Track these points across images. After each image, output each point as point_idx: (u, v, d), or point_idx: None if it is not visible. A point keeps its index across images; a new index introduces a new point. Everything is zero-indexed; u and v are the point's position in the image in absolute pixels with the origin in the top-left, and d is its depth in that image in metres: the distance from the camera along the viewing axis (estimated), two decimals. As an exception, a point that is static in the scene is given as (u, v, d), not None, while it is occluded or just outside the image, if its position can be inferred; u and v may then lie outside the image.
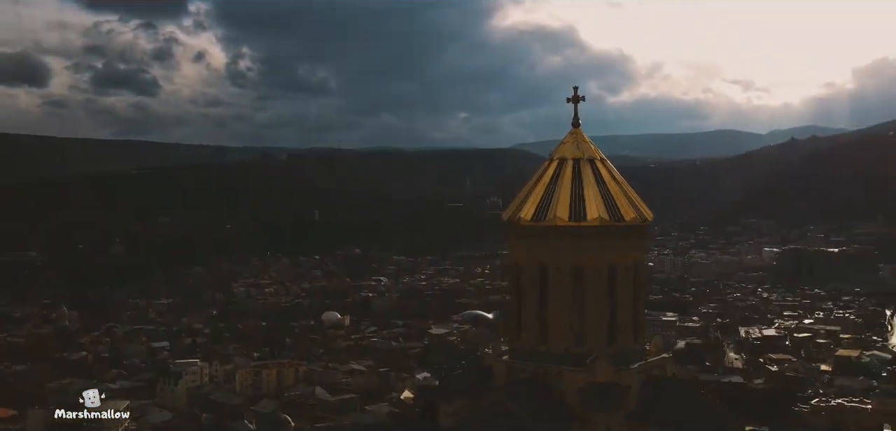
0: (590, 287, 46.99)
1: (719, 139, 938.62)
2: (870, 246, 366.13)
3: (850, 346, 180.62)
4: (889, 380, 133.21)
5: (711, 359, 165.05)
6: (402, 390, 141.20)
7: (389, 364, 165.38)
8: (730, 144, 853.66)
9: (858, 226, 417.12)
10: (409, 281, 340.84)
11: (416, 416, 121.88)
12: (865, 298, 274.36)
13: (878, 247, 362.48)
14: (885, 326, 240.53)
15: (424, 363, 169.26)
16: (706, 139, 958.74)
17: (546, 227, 46.94)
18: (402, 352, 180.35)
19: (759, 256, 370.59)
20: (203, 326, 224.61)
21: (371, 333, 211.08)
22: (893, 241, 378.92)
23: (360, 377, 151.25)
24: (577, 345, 46.90)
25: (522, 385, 46.35)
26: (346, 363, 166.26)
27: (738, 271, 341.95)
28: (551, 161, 50.02)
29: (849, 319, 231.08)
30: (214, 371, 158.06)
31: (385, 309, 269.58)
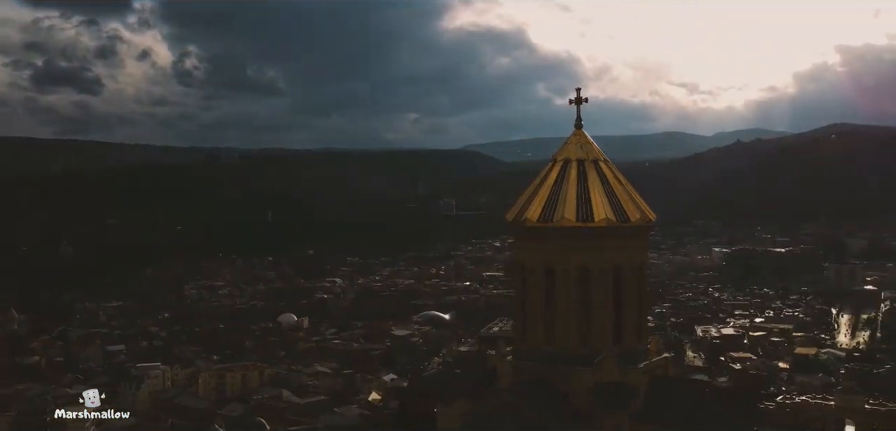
0: (596, 287, 47.42)
1: (666, 141, 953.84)
2: (814, 246, 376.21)
3: (804, 344, 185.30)
4: (848, 377, 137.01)
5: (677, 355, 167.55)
6: (370, 392, 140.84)
7: (353, 365, 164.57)
8: (677, 146, 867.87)
9: (803, 227, 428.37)
10: (364, 283, 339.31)
11: (389, 417, 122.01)
12: (812, 297, 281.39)
13: (823, 247, 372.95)
14: (833, 324, 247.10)
15: (389, 364, 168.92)
16: (654, 141, 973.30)
17: (553, 228, 47.23)
18: (365, 354, 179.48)
19: (709, 256, 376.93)
20: (159, 329, 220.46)
21: (331, 335, 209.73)
22: (836, 241, 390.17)
23: (326, 379, 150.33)
24: (583, 346, 47.26)
25: (530, 386, 46.48)
26: (310, 365, 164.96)
27: (689, 271, 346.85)
28: (555, 162, 50.26)
29: (798, 318, 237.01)
30: (176, 375, 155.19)
31: (341, 311, 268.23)
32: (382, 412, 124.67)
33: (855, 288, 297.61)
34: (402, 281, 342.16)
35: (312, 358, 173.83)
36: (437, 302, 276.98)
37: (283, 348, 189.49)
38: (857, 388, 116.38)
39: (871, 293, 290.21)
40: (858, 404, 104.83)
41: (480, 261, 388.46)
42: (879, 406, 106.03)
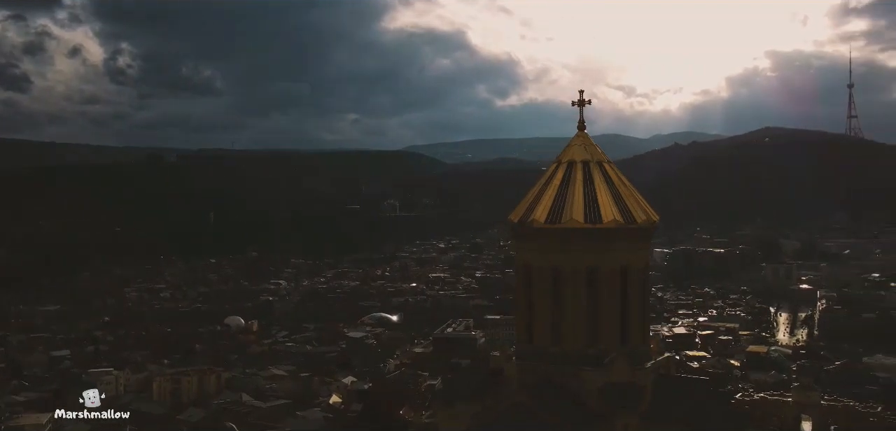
0: (604, 288, 47.74)
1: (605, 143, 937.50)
2: (751, 246, 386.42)
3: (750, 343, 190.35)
4: (800, 374, 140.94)
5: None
6: (330, 395, 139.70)
7: (309, 368, 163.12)
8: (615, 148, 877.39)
9: (739, 228, 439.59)
10: (309, 285, 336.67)
11: (354, 420, 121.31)
12: (751, 296, 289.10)
13: (760, 247, 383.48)
14: (772, 323, 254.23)
15: (345, 366, 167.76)
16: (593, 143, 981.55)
17: (561, 229, 47.37)
18: (320, 356, 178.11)
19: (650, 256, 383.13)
20: (103, 333, 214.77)
21: (283, 338, 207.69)
22: (772, 242, 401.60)
23: (284, 382, 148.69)
24: (591, 346, 47.52)
25: (539, 387, 46.51)
26: (264, 368, 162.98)
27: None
28: (559, 163, 50.52)
29: (740, 316, 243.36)
30: (127, 380, 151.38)
31: (287, 313, 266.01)
32: (345, 415, 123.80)
33: (791, 287, 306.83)
34: (347, 282, 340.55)
35: (266, 361, 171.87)
36: (385, 303, 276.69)
37: (235, 351, 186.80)
38: (814, 385, 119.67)
39: (806, 292, 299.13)
40: (814, 400, 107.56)
41: (425, 263, 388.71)
42: (835, 402, 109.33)
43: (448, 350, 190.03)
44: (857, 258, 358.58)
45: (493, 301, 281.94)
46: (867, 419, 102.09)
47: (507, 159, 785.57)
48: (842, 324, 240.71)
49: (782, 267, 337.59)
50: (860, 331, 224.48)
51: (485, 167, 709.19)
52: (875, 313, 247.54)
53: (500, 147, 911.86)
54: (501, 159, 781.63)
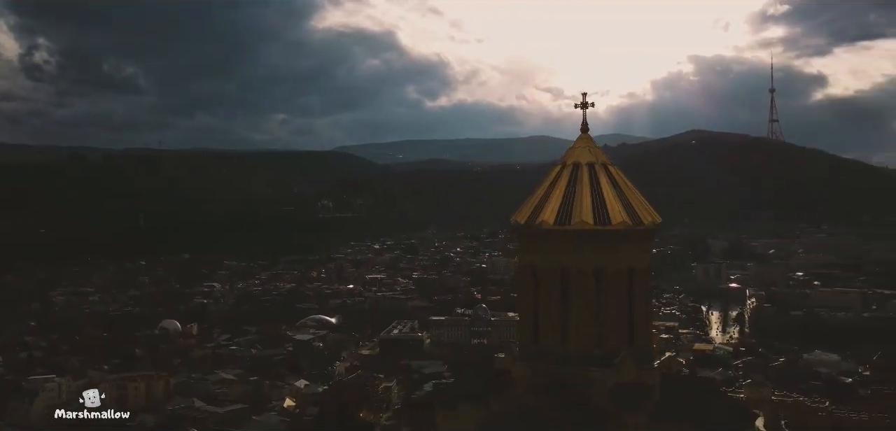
0: (611, 288, 48.14)
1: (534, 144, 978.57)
2: (682, 246, 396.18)
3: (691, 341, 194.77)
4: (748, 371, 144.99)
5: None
6: (283, 398, 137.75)
7: (256, 372, 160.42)
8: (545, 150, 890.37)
9: (669, 228, 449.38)
10: (244, 287, 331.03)
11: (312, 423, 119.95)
12: (684, 295, 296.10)
13: (690, 247, 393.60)
14: (704, 321, 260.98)
15: (293, 369, 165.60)
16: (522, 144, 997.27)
17: (571, 231, 47.61)
18: (267, 360, 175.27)
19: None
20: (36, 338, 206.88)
21: (225, 341, 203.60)
22: (701, 242, 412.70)
23: (234, 386, 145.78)
24: (599, 346, 47.87)
25: (550, 387, 46.59)
26: (210, 372, 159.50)
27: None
28: (564, 165, 50.79)
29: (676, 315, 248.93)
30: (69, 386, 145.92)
31: (224, 315, 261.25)
32: (302, 418, 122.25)
33: (721, 287, 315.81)
34: (283, 284, 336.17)
35: (211, 365, 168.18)
36: (322, 305, 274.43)
37: (177, 355, 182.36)
38: (764, 381, 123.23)
39: (736, 290, 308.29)
40: (766, 396, 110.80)
41: (361, 264, 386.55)
42: (785, 398, 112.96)
43: (395, 351, 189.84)
44: (781, 257, 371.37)
45: (431, 301, 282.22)
46: (816, 414, 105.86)
47: (438, 160, 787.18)
48: (771, 322, 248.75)
49: (712, 266, 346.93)
50: (789, 328, 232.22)
51: (416, 168, 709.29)
52: (802, 311, 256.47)
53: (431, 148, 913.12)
54: (433, 160, 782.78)
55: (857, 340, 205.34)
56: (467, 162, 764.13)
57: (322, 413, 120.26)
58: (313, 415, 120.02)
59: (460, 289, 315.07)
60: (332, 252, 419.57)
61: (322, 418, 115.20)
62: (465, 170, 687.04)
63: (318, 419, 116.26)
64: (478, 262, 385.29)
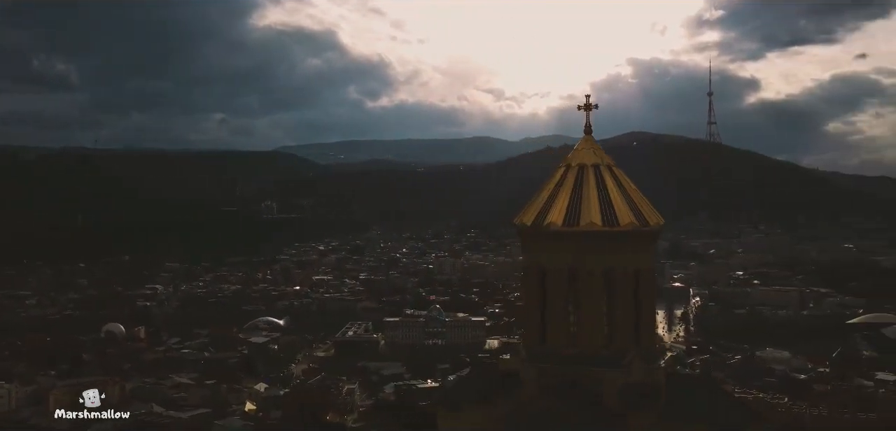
0: (619, 289, 48.44)
1: (476, 145, 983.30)
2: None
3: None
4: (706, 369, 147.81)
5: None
6: (243, 402, 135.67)
7: (212, 375, 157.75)
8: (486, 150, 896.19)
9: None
10: (187, 289, 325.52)
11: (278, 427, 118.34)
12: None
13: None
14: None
15: (250, 372, 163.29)
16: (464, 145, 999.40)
17: (580, 232, 47.77)
18: (221, 363, 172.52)
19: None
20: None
21: (176, 344, 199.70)
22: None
23: (193, 391, 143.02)
24: (607, 347, 48.14)
25: (561, 389, 46.71)
26: (165, 377, 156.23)
27: (513, 272, 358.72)
28: (568, 166, 51.05)
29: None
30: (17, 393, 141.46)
31: (169, 318, 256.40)
32: (265, 422, 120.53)
33: (664, 286, 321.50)
34: (228, 286, 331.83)
35: (165, 369, 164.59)
36: (269, 307, 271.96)
37: (127, 360, 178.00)
38: (724, 378, 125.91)
39: (679, 290, 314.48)
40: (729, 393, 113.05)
41: (307, 265, 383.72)
42: (746, 395, 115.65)
43: (351, 353, 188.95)
44: (721, 257, 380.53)
45: (380, 303, 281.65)
46: (777, 410, 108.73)
47: (380, 161, 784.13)
48: (716, 320, 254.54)
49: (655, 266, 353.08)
50: (734, 327, 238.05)
51: (359, 168, 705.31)
52: (745, 309, 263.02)
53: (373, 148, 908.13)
54: (375, 161, 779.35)
55: (799, 337, 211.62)
56: (410, 162, 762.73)
57: (286, 416, 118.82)
58: (277, 419, 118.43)
59: (409, 290, 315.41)
60: (277, 253, 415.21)
61: (286, 421, 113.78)
62: (409, 170, 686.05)
63: (282, 422, 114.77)
64: (424, 263, 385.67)
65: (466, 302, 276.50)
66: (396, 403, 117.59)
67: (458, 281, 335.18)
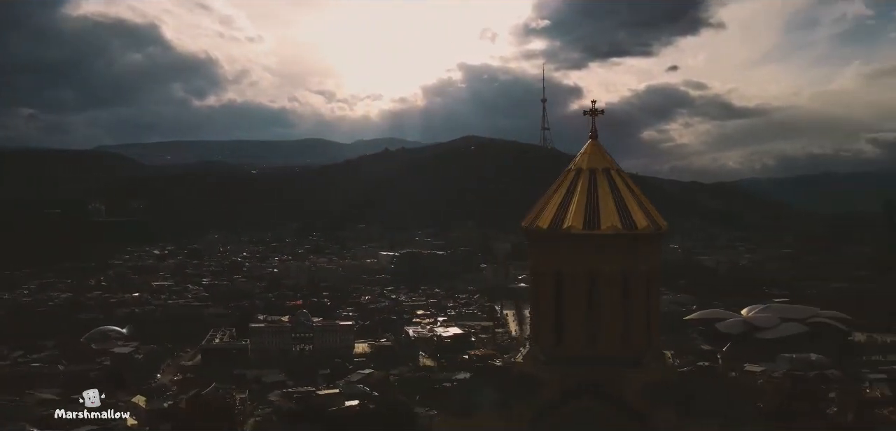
0: (635, 291, 49.94)
1: (308, 147, 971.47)
2: (469, 248, 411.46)
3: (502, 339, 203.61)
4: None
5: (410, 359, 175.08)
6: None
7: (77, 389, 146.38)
8: (319, 152, 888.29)
9: (454, 231, 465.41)
10: (10, 297, 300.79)
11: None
12: (479, 295, 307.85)
13: (477, 249, 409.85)
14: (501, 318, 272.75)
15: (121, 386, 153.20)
16: (295, 146, 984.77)
17: (600, 236, 48.87)
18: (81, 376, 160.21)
19: (376, 260, 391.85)
20: None
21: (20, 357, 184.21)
22: (486, 243, 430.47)
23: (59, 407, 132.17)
24: (624, 347, 49.51)
25: (579, 390, 47.71)
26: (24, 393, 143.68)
27: (361, 274, 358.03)
28: (578, 170, 51.84)
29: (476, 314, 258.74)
30: None
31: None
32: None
33: (511, 286, 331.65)
34: (57, 294, 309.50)
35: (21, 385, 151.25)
36: (108, 315, 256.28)
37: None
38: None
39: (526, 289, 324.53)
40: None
41: (144, 270, 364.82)
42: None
43: (221, 361, 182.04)
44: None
45: (228, 308, 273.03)
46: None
47: (209, 162, 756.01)
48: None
49: (500, 266, 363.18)
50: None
51: (189, 170, 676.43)
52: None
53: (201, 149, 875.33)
54: (204, 162, 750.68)
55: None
56: (242, 164, 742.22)
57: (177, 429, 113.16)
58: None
59: (257, 295, 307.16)
60: (109, 258, 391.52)
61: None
62: (242, 172, 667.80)
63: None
64: (269, 267, 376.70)
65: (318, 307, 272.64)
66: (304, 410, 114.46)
67: (307, 286, 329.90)
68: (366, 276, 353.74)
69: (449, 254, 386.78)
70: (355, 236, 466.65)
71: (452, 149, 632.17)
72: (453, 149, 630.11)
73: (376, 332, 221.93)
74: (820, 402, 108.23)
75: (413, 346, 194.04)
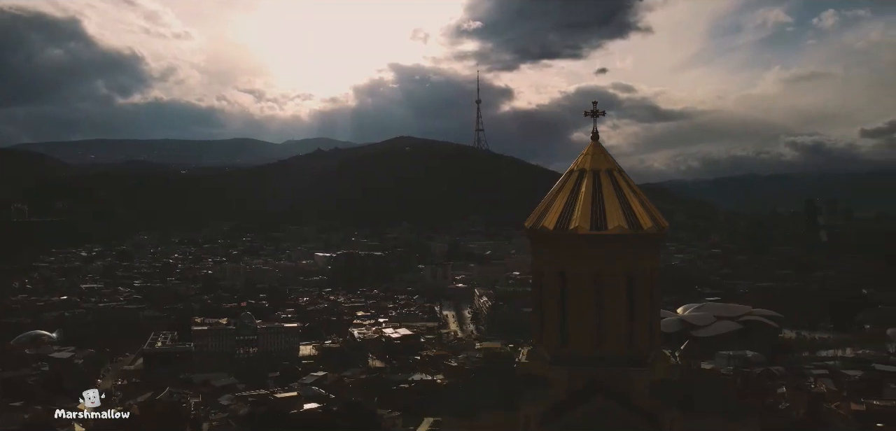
0: (639, 291, 50.56)
1: (237, 146, 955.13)
2: (405, 249, 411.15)
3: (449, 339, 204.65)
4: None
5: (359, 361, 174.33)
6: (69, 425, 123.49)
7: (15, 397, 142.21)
8: (249, 152, 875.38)
9: (389, 232, 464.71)
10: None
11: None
12: (418, 296, 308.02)
13: (414, 250, 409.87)
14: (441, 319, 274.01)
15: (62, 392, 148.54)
16: (225, 146, 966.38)
17: (608, 236, 49.21)
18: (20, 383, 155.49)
19: (313, 261, 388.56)
20: None
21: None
22: (422, 244, 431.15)
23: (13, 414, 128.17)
24: (629, 347, 50.11)
25: (588, 389, 48.05)
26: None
27: (299, 276, 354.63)
28: (582, 171, 52.03)
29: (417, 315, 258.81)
30: None
31: None
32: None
33: (449, 287, 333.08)
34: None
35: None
36: (36, 319, 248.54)
37: None
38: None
39: (463, 290, 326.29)
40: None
41: (71, 272, 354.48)
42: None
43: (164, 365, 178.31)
44: (498, 258, 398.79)
45: (162, 311, 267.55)
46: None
47: (135, 161, 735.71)
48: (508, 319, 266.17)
49: (438, 268, 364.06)
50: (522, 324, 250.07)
51: (115, 169, 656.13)
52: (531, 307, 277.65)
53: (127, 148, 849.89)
54: (130, 161, 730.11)
55: None
56: (170, 164, 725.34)
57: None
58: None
59: (192, 297, 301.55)
60: (33, 260, 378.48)
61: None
62: (171, 172, 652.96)
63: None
64: (203, 269, 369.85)
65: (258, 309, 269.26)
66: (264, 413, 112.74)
67: (244, 288, 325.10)
68: (303, 277, 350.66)
69: (386, 255, 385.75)
70: (290, 237, 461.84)
71: (387, 149, 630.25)
72: (388, 149, 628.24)
73: (320, 334, 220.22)
74: (768, 398, 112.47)
75: (361, 348, 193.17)
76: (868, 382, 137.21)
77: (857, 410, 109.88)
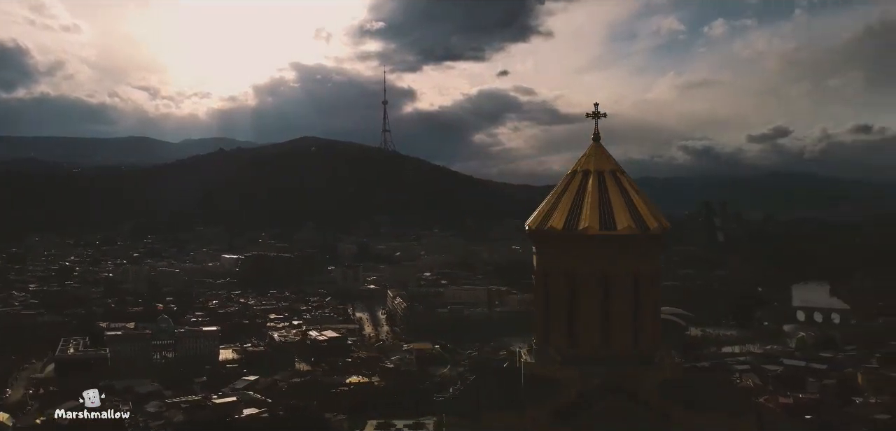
0: (644, 291, 51.41)
1: (132, 145, 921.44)
2: (314, 250, 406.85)
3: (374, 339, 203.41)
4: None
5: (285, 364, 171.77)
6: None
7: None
8: (144, 151, 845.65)
9: (295, 233, 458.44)
10: None
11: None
12: (330, 298, 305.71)
13: (323, 251, 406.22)
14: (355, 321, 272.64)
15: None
16: (118, 144, 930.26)
17: (616, 236, 49.92)
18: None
19: (219, 263, 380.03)
20: None
21: None
22: (330, 245, 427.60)
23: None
24: (636, 346, 50.98)
25: (601, 388, 48.68)
26: None
27: (206, 278, 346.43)
28: (585, 172, 52.64)
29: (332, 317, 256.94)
30: None
31: None
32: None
33: (360, 288, 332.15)
34: None
35: None
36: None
37: None
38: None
39: (376, 291, 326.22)
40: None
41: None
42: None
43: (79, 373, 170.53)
44: (408, 259, 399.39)
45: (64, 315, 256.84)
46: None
47: (22, 160, 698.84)
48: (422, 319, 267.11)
49: (349, 269, 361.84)
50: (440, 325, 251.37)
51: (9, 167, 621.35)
52: (446, 308, 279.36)
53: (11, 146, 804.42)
54: (16, 160, 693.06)
55: (500, 332, 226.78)
56: (59, 162, 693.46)
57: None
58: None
59: (94, 301, 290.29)
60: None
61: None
62: (60, 171, 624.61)
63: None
64: (103, 271, 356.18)
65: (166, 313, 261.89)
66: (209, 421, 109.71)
67: (148, 291, 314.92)
68: (210, 280, 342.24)
69: (295, 257, 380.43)
70: (194, 238, 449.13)
71: (291, 149, 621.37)
72: (292, 149, 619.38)
73: (237, 337, 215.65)
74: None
75: (285, 351, 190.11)
76: (791, 376, 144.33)
77: (786, 403, 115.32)
